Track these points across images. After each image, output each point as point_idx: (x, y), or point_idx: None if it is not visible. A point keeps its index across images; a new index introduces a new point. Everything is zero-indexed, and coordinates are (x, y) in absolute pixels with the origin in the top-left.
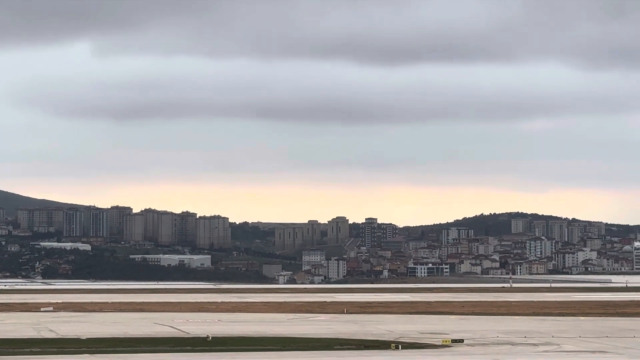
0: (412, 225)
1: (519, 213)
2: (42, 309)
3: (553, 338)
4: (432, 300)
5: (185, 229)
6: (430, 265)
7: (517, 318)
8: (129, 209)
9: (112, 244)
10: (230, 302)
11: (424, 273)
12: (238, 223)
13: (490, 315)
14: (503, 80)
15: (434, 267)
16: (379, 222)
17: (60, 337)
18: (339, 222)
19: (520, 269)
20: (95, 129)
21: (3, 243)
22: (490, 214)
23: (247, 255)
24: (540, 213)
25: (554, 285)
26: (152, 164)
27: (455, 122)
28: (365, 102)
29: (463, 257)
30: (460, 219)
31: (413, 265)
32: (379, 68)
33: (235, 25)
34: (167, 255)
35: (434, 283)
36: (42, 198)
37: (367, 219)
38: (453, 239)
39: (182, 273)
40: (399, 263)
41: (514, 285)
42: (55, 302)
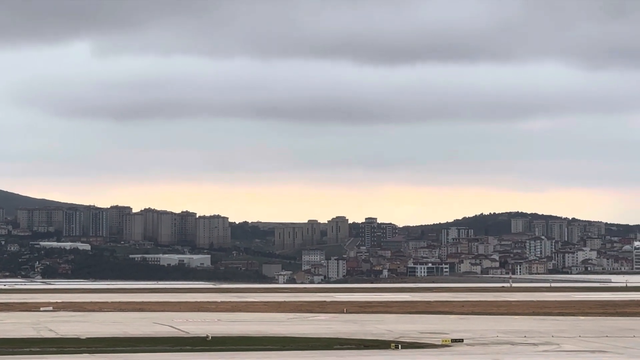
0: (411, 225)
1: (519, 213)
2: (41, 309)
3: (553, 338)
4: (431, 300)
5: (185, 229)
6: (430, 265)
7: (516, 318)
8: (129, 209)
9: (111, 244)
10: (230, 301)
11: (424, 273)
12: (238, 223)
13: (490, 315)
14: (503, 80)
15: (434, 266)
16: (379, 221)
17: (60, 336)
18: (339, 221)
19: (520, 269)
20: (95, 129)
21: (3, 243)
22: (490, 214)
23: (246, 255)
24: (540, 213)
25: (554, 285)
26: (151, 164)
27: (455, 121)
28: (365, 101)
29: (463, 256)
30: (460, 219)
31: (413, 265)
32: (379, 68)
33: (235, 25)
34: (166, 255)
35: (434, 283)
36: (41, 198)
37: (366, 219)
38: (453, 239)
39: (181, 273)
40: (399, 263)
41: (514, 285)
42: (55, 301)
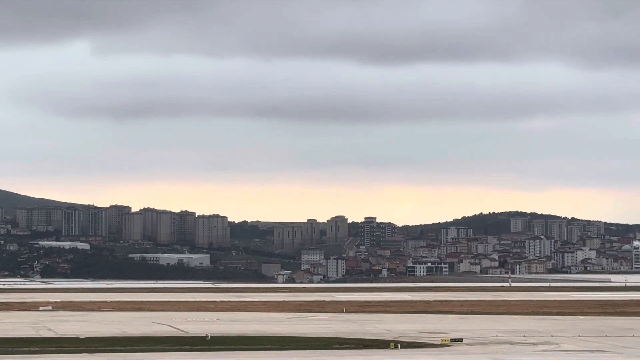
0: (411, 225)
1: (518, 212)
2: (40, 308)
3: (552, 337)
4: (431, 300)
5: (184, 228)
6: (429, 265)
7: (516, 317)
8: (128, 208)
9: (110, 243)
10: (229, 301)
11: (423, 272)
12: (237, 222)
13: (490, 315)
14: (502, 80)
15: (433, 266)
16: (378, 221)
17: (59, 336)
18: (338, 221)
19: (520, 268)
20: (95, 128)
21: (2, 242)
22: (490, 213)
23: (246, 255)
24: (540, 212)
25: (553, 285)
26: (151, 163)
27: (455, 121)
28: (365, 101)
29: (462, 256)
30: (460, 218)
31: (412, 265)
32: (379, 67)
33: (235, 24)
34: (166, 255)
35: (433, 282)
36: (40, 197)
37: (366, 218)
38: (452, 238)
39: (180, 272)
40: (398, 262)
41: (513, 285)
42: (54, 301)
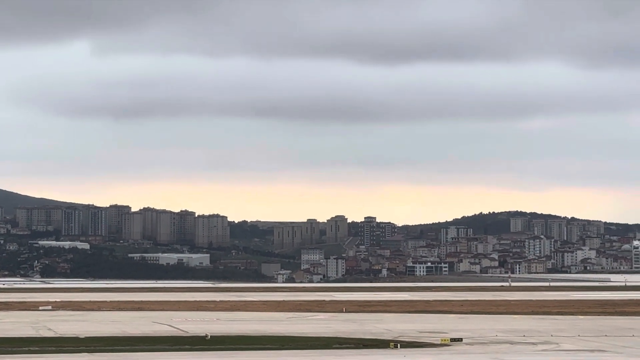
0: (411, 224)
1: (518, 212)
2: (40, 308)
3: (552, 337)
4: (431, 299)
5: (184, 228)
6: (429, 264)
7: (516, 317)
8: (128, 208)
9: (110, 243)
10: (229, 301)
11: (423, 272)
12: (237, 222)
13: (489, 314)
14: (502, 79)
15: (433, 266)
16: (378, 220)
17: (59, 335)
18: (338, 220)
19: (519, 268)
20: (95, 128)
21: (1, 242)
22: (489, 213)
23: (245, 254)
24: (539, 212)
25: (553, 284)
26: (151, 163)
27: (455, 121)
28: (365, 101)
29: (462, 256)
30: (459, 218)
31: (412, 264)
32: (379, 67)
33: (235, 24)
34: (165, 254)
35: (433, 282)
36: (40, 197)
37: (366, 218)
38: (452, 238)
39: (180, 272)
40: (398, 262)
41: (513, 284)
42: (54, 300)
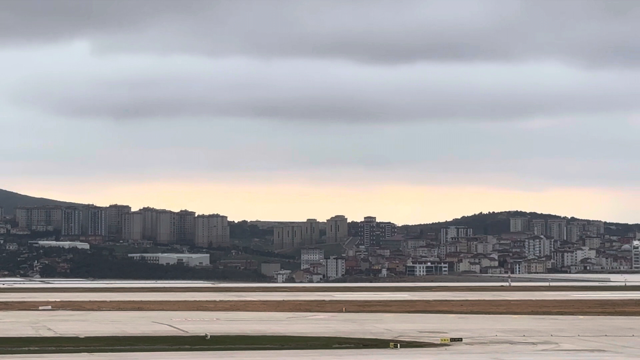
0: (410, 224)
1: (518, 212)
2: (40, 308)
3: (552, 337)
4: (430, 299)
5: (184, 228)
6: (429, 264)
7: (515, 317)
8: (128, 208)
9: (110, 243)
10: (229, 300)
11: (423, 272)
12: (237, 222)
13: (489, 314)
14: (502, 79)
15: (433, 265)
16: (378, 220)
17: (59, 335)
18: (338, 220)
19: (519, 268)
20: (94, 128)
21: (1, 242)
22: (489, 213)
23: (245, 254)
24: (539, 212)
25: (553, 284)
26: (150, 163)
27: (455, 120)
28: (365, 100)
29: (462, 255)
30: (459, 218)
31: (412, 264)
32: (379, 67)
33: (234, 24)
34: (165, 254)
35: (433, 282)
36: (40, 197)
37: (365, 218)
38: (452, 238)
39: (180, 272)
40: (398, 262)
41: (513, 284)
42: (54, 300)
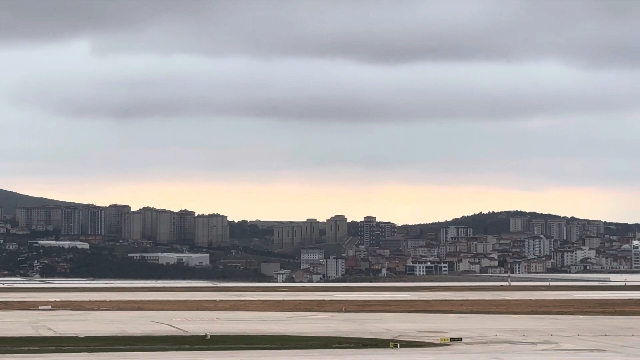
0: (410, 224)
1: (518, 211)
2: (40, 307)
3: (552, 336)
4: (430, 299)
5: (184, 228)
6: (429, 264)
7: (515, 316)
8: (128, 208)
9: (110, 243)
10: (229, 300)
11: (423, 271)
12: (236, 221)
13: (489, 314)
14: (502, 79)
15: (433, 265)
16: (378, 220)
17: (59, 335)
18: (338, 220)
19: (519, 268)
20: (94, 128)
21: (1, 241)
22: (489, 213)
23: (245, 254)
24: (539, 212)
25: (553, 284)
26: (150, 163)
27: (455, 120)
28: (365, 100)
29: (462, 255)
30: (459, 218)
31: (412, 264)
32: (379, 66)
33: (235, 24)
34: (165, 254)
35: (433, 281)
36: (40, 196)
37: (365, 218)
38: (452, 238)
39: (180, 271)
40: (398, 261)
41: (513, 284)
42: (54, 300)
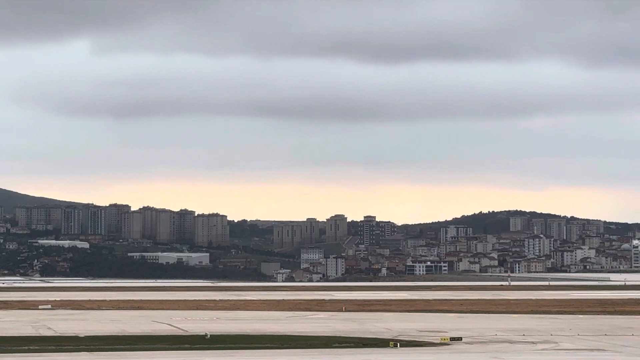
0: (410, 223)
1: (518, 211)
2: (40, 307)
3: (551, 336)
4: (430, 299)
5: (184, 227)
6: (429, 263)
7: (515, 316)
8: (128, 207)
9: (110, 242)
10: (229, 300)
11: (423, 271)
12: (236, 221)
13: (489, 314)
14: (502, 79)
15: (433, 265)
16: (378, 220)
17: (59, 334)
18: (338, 220)
19: (519, 267)
20: (94, 127)
21: (1, 241)
22: (489, 212)
23: (245, 253)
24: (539, 211)
25: (553, 284)
26: (150, 162)
27: (455, 120)
28: (365, 100)
29: (461, 255)
30: (459, 217)
31: (411, 264)
32: (378, 66)
33: (235, 23)
34: (165, 253)
35: (433, 281)
36: (40, 196)
37: (365, 217)
38: (451, 237)
39: (180, 271)
40: (398, 261)
41: (513, 284)
42: (54, 299)
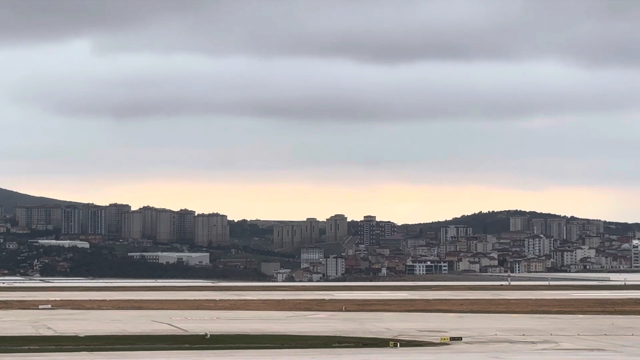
0: (410, 223)
1: (518, 211)
2: (40, 307)
3: (551, 336)
4: (430, 298)
5: (184, 227)
6: (429, 263)
7: (515, 316)
8: (128, 207)
9: (110, 242)
10: (229, 299)
11: (423, 271)
12: (236, 221)
13: (489, 313)
14: (502, 78)
15: (433, 265)
16: (378, 220)
17: (59, 334)
18: (338, 219)
19: (519, 267)
20: (94, 127)
21: (1, 241)
22: (489, 212)
23: (245, 253)
24: (539, 211)
25: (553, 283)
26: (150, 162)
27: (455, 120)
28: (365, 100)
29: (461, 255)
30: (459, 217)
31: (411, 263)
32: (379, 66)
33: (235, 23)
34: (165, 253)
35: (433, 281)
36: (40, 196)
37: (365, 217)
38: (451, 237)
39: (180, 271)
40: (398, 261)
41: (513, 283)
42: (54, 299)
